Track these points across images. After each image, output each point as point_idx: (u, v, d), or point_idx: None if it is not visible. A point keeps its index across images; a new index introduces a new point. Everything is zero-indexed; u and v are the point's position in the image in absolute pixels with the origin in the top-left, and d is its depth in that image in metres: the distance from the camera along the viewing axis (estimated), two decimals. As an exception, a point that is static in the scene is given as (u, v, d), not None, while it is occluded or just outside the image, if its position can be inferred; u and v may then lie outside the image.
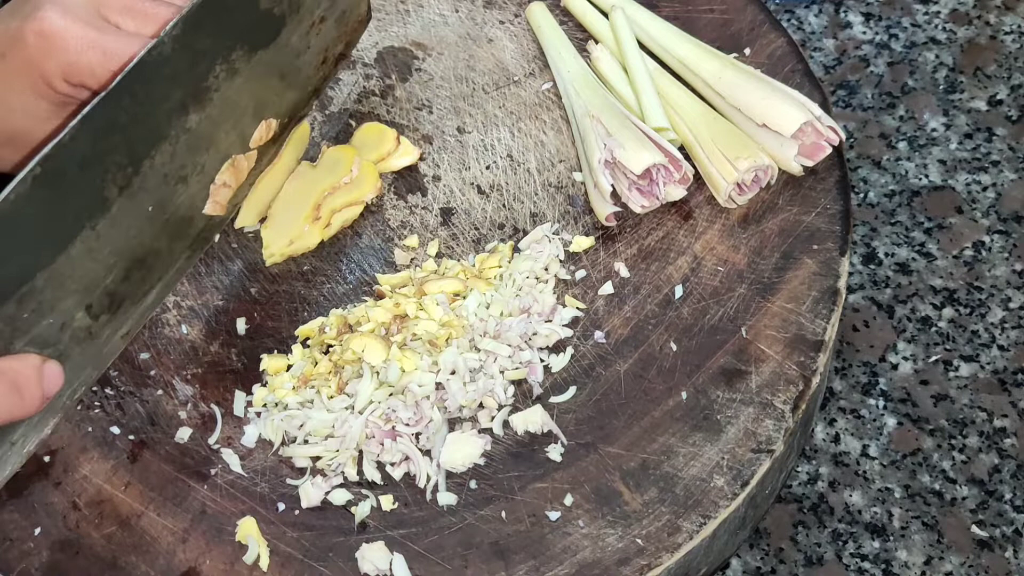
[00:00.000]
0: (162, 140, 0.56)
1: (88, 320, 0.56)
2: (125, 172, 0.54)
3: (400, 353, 0.62)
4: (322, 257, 0.70)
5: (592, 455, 0.61)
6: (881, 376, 0.76)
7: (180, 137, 0.57)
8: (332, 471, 0.61)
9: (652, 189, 0.68)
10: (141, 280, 0.59)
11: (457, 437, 0.61)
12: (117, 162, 0.54)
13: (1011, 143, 0.86)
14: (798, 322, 0.64)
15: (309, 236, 0.70)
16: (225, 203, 0.63)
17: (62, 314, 0.54)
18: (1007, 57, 0.91)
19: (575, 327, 0.66)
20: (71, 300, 0.54)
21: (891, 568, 0.68)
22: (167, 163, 0.57)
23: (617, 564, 0.57)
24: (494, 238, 0.70)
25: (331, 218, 0.70)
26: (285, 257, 0.70)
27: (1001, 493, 0.71)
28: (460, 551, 0.58)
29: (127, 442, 0.63)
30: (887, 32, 0.93)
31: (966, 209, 0.83)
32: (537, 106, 0.76)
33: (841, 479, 0.72)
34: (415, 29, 0.81)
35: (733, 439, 0.60)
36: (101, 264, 0.55)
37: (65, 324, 0.54)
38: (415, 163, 0.74)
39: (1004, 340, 0.77)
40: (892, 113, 0.88)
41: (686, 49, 0.74)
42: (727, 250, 0.68)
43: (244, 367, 0.66)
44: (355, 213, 0.71)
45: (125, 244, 0.56)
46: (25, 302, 0.51)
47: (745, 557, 0.69)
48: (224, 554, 0.59)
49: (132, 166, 0.55)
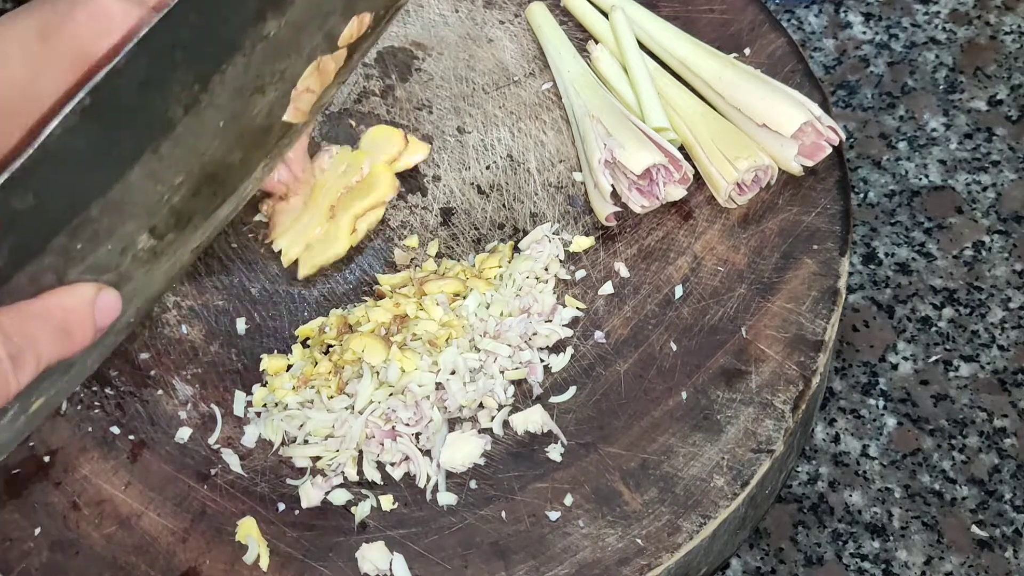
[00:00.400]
0: (234, 52, 0.49)
1: (152, 241, 0.50)
2: (191, 90, 0.48)
3: (400, 353, 0.62)
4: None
5: (592, 455, 0.61)
6: (881, 376, 0.76)
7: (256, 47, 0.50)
8: (332, 471, 0.61)
9: (652, 189, 0.68)
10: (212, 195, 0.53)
11: (457, 437, 0.61)
12: (182, 81, 0.47)
13: (1011, 143, 0.86)
14: (798, 322, 0.64)
15: (337, 243, 0.69)
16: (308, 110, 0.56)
17: (122, 239, 0.48)
18: (1007, 57, 0.91)
19: (575, 327, 0.66)
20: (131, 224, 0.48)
21: (891, 568, 0.68)
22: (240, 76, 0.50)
23: (617, 564, 0.57)
24: (494, 238, 0.70)
25: (356, 224, 0.70)
26: (316, 269, 0.69)
27: (1001, 493, 0.71)
28: (460, 551, 0.58)
29: (127, 442, 0.63)
30: (887, 32, 0.93)
31: (966, 209, 0.83)
32: (537, 106, 0.76)
33: (841, 479, 0.72)
34: (415, 29, 0.81)
35: (733, 439, 0.60)
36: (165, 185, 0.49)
37: (126, 248, 0.49)
38: (426, 159, 0.74)
39: (1004, 340, 0.77)
40: (892, 113, 0.88)
41: (686, 49, 0.74)
42: (727, 250, 0.68)
43: (244, 367, 0.66)
44: (379, 216, 0.71)
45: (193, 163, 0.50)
46: (78, 233, 0.46)
47: (745, 557, 0.69)
48: (224, 554, 0.59)
49: (199, 83, 0.48)
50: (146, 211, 0.49)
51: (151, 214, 0.50)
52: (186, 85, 0.48)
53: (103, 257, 0.48)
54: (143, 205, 0.49)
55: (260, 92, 0.52)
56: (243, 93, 0.51)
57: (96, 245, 0.47)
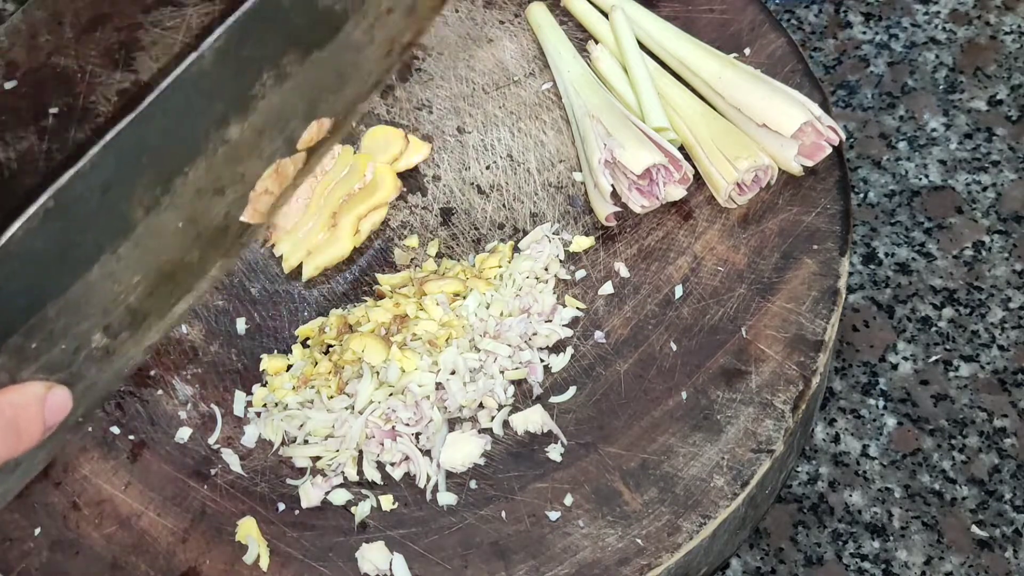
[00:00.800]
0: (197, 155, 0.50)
1: (106, 340, 0.51)
2: (153, 193, 0.49)
3: (400, 353, 0.62)
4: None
5: (592, 455, 0.61)
6: (881, 376, 0.76)
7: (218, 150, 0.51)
8: (332, 471, 0.61)
9: (652, 189, 0.68)
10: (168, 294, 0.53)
11: (457, 437, 0.61)
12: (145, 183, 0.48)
13: (1011, 143, 0.86)
14: (798, 322, 0.64)
15: (341, 245, 0.69)
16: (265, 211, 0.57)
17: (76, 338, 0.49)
18: (1007, 57, 0.91)
19: (575, 327, 0.66)
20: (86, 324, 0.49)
21: (891, 568, 0.68)
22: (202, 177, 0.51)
23: (617, 564, 0.57)
24: (494, 238, 0.70)
25: (359, 225, 0.70)
26: (320, 271, 0.69)
27: (1001, 493, 0.71)
28: (460, 551, 0.58)
29: (127, 442, 0.63)
30: (887, 32, 0.93)
31: (966, 209, 0.83)
32: (537, 106, 0.76)
33: (841, 479, 0.72)
34: (415, 29, 0.81)
35: (733, 439, 0.60)
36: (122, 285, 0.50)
37: (80, 347, 0.49)
38: (426, 159, 0.74)
39: (1004, 340, 0.77)
40: (892, 113, 0.88)
41: (686, 49, 0.74)
42: (727, 250, 0.68)
43: (244, 367, 0.66)
44: (381, 216, 0.71)
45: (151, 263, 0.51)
46: (34, 333, 0.46)
47: (745, 557, 0.69)
48: (224, 554, 0.59)
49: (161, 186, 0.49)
50: (102, 310, 0.50)
51: (107, 313, 0.50)
52: (149, 188, 0.49)
53: (57, 356, 0.48)
54: (99, 305, 0.49)
55: (220, 194, 0.53)
56: (203, 195, 0.52)
57: (51, 345, 0.47)
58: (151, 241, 0.50)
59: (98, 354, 0.51)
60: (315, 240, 0.69)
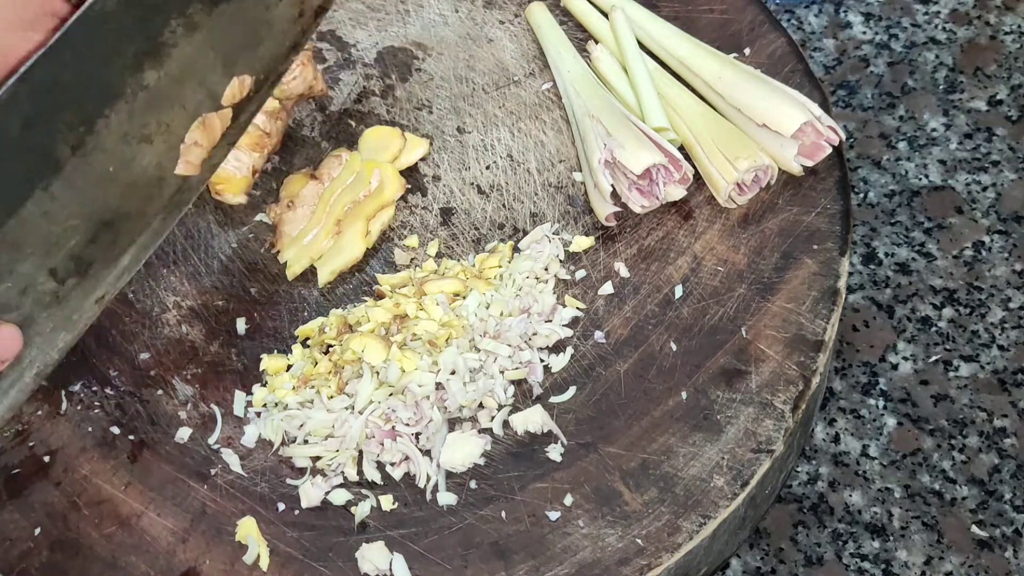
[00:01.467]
0: (116, 98, 0.54)
1: (53, 284, 0.54)
2: (77, 132, 0.53)
3: (400, 353, 0.62)
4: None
5: (592, 455, 0.61)
6: (881, 376, 0.76)
7: (137, 95, 0.55)
8: (332, 471, 0.61)
9: (652, 189, 0.68)
10: (111, 243, 0.57)
11: (457, 437, 0.61)
12: (66, 121, 0.52)
13: (1011, 143, 0.86)
14: (798, 322, 0.64)
15: (353, 247, 0.69)
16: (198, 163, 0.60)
17: (21, 278, 0.52)
18: (1007, 57, 0.91)
19: (575, 327, 0.66)
20: (29, 263, 0.53)
21: (891, 568, 0.68)
22: (125, 122, 0.55)
23: (617, 564, 0.57)
24: (494, 238, 0.70)
25: (368, 226, 0.70)
26: (335, 275, 0.69)
27: (1001, 493, 0.71)
28: (460, 551, 0.58)
29: (127, 442, 0.63)
30: (887, 32, 0.93)
31: (966, 209, 0.83)
32: (537, 106, 0.76)
33: (841, 479, 0.72)
34: (415, 29, 0.81)
35: (733, 439, 0.60)
36: (60, 227, 0.54)
37: (27, 288, 0.53)
38: (424, 156, 0.74)
39: (1004, 340, 0.77)
40: (892, 113, 0.88)
41: (686, 49, 0.74)
42: (727, 250, 0.68)
43: (244, 367, 0.66)
44: (390, 215, 0.71)
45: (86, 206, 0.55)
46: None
47: (745, 557, 0.69)
48: (224, 554, 0.59)
49: (84, 125, 0.53)
50: (43, 251, 0.53)
51: (49, 255, 0.53)
52: (71, 126, 0.52)
53: (3, 295, 0.52)
54: (39, 245, 0.53)
55: (147, 141, 0.57)
56: (129, 140, 0.55)
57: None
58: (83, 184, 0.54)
59: (47, 299, 0.54)
60: (319, 247, 0.69)
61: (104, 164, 0.55)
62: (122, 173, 0.56)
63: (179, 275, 0.70)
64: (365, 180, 0.71)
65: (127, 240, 0.58)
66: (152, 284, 0.70)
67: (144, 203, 0.58)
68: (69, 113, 0.52)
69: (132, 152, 0.56)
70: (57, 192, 0.53)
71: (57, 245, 0.54)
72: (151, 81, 0.56)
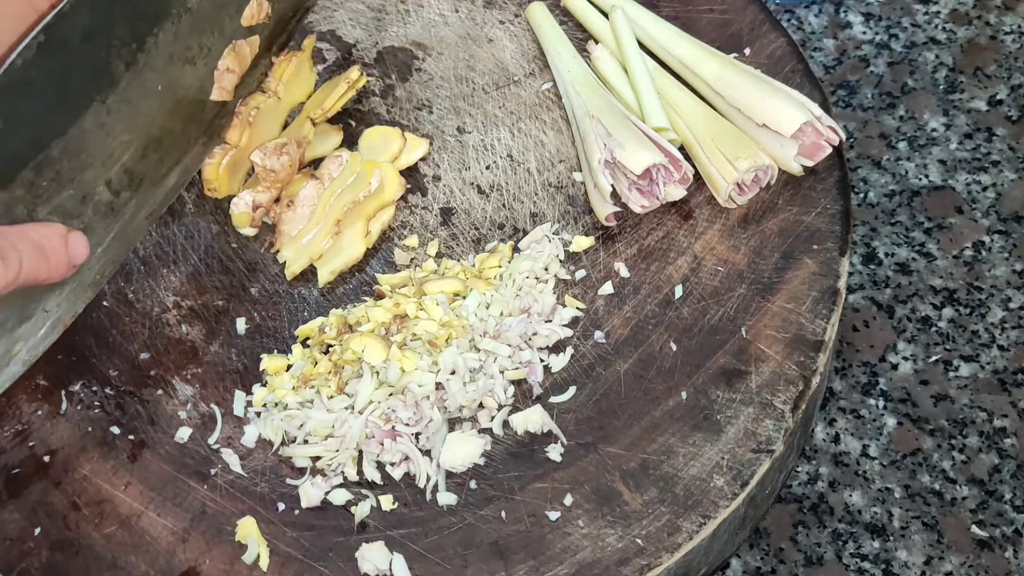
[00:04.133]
0: (164, 19, 0.58)
1: (109, 195, 0.58)
2: (130, 48, 0.57)
3: (400, 353, 0.62)
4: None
5: (592, 455, 0.61)
6: (881, 376, 0.76)
7: (182, 16, 0.59)
8: (332, 471, 0.61)
9: (652, 189, 0.68)
10: (159, 160, 0.61)
11: (457, 437, 0.61)
12: (120, 37, 0.56)
13: (1011, 143, 0.86)
14: (798, 322, 0.64)
15: (354, 248, 0.69)
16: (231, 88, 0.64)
17: (82, 186, 0.57)
18: (1007, 57, 0.91)
19: (575, 327, 0.66)
20: (89, 173, 0.57)
21: (891, 568, 0.68)
22: (171, 42, 0.59)
23: (617, 564, 0.57)
24: (494, 238, 0.70)
25: (369, 226, 0.70)
26: (336, 275, 0.69)
27: (1001, 493, 0.71)
28: (460, 551, 0.58)
29: (127, 442, 0.63)
30: (887, 32, 0.93)
31: (966, 209, 0.83)
32: (537, 106, 0.76)
33: (841, 479, 0.72)
34: (415, 29, 0.81)
35: (733, 439, 0.60)
36: (115, 139, 0.58)
37: (86, 196, 0.57)
38: (424, 156, 0.74)
39: (1004, 340, 0.77)
40: (892, 113, 0.88)
41: (686, 49, 0.74)
42: (727, 250, 0.68)
43: (244, 367, 0.66)
44: (390, 214, 0.71)
45: (138, 121, 0.59)
46: (43, 170, 0.54)
47: (745, 557, 0.69)
48: (224, 554, 0.59)
49: (136, 42, 0.57)
50: (101, 161, 0.57)
51: (105, 165, 0.58)
52: (125, 42, 0.57)
53: (67, 202, 0.56)
54: (97, 156, 0.57)
55: (191, 63, 0.61)
56: (175, 60, 0.60)
57: (59, 187, 0.55)
58: (135, 98, 0.59)
59: (104, 208, 0.59)
60: (318, 247, 0.69)
61: (154, 82, 0.59)
62: (169, 92, 0.61)
63: (179, 275, 0.70)
64: (365, 180, 0.71)
65: (173, 159, 0.63)
66: (152, 284, 0.70)
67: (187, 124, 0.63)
68: (123, 30, 0.56)
69: (178, 72, 0.61)
70: (113, 106, 0.57)
71: (112, 157, 0.58)
72: (194, 4, 0.60)
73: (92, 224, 0.58)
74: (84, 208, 0.57)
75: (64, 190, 0.56)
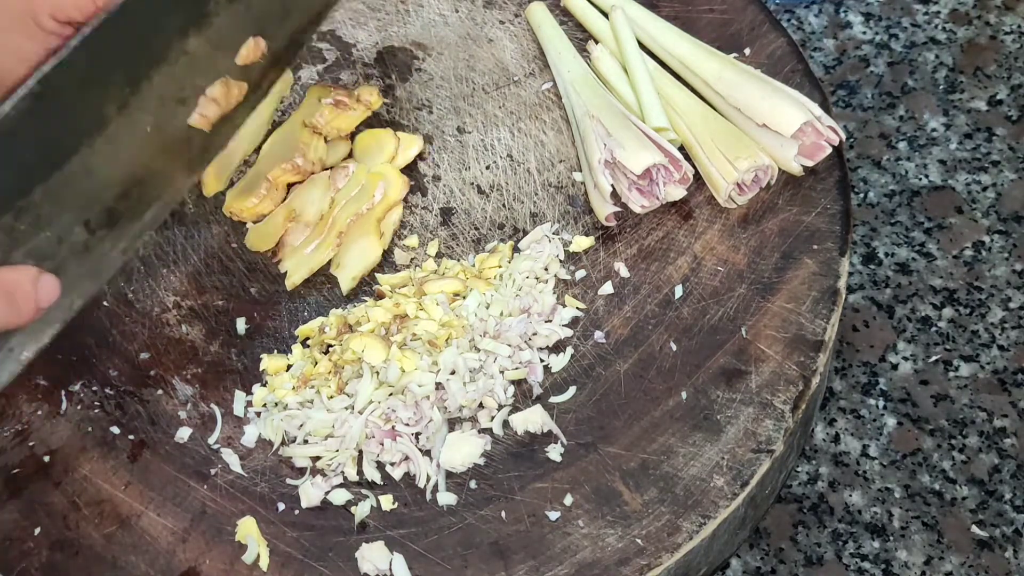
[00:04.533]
0: (161, 62, 0.58)
1: (86, 235, 0.57)
2: (123, 92, 0.56)
3: (400, 353, 0.62)
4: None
5: (592, 455, 0.61)
6: (881, 376, 0.76)
7: (179, 59, 0.59)
8: (332, 471, 0.61)
9: (652, 189, 0.68)
10: (139, 198, 0.60)
11: (457, 437, 0.61)
12: (116, 82, 0.56)
13: (1011, 143, 0.86)
14: (798, 322, 0.64)
15: (372, 252, 0.69)
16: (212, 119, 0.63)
17: (60, 228, 0.55)
18: (1007, 57, 0.91)
19: (575, 327, 0.66)
20: (69, 215, 0.56)
21: (891, 568, 0.68)
22: (165, 84, 0.59)
23: (617, 564, 0.57)
24: (494, 238, 0.70)
25: (380, 228, 0.70)
26: (358, 281, 0.69)
27: (1001, 493, 0.71)
28: (460, 551, 0.58)
29: (127, 442, 0.63)
30: (887, 32, 0.93)
31: (966, 209, 0.83)
32: (537, 106, 0.76)
33: (841, 479, 0.72)
34: (415, 29, 0.81)
35: (733, 439, 0.60)
36: (99, 182, 0.57)
37: (63, 238, 0.56)
38: (420, 153, 0.74)
39: (1004, 340, 0.77)
40: (892, 113, 0.88)
41: (686, 49, 0.74)
42: (727, 250, 0.67)
43: (244, 367, 0.66)
44: (398, 214, 0.71)
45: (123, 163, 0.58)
46: (23, 215, 0.53)
47: (745, 557, 0.69)
48: (224, 554, 0.59)
49: (130, 87, 0.57)
50: (82, 204, 0.56)
51: (86, 208, 0.57)
52: (120, 88, 0.56)
53: (43, 244, 0.55)
54: (79, 198, 0.56)
55: (182, 103, 0.60)
56: (167, 103, 0.59)
57: (37, 229, 0.54)
58: (123, 140, 0.58)
59: (79, 248, 0.57)
60: (320, 258, 0.69)
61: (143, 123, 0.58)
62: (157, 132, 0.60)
63: (179, 275, 0.70)
64: (369, 192, 0.71)
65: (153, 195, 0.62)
66: (152, 284, 0.70)
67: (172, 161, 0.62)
68: (118, 75, 0.56)
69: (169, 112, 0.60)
70: (100, 148, 0.56)
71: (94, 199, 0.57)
72: (192, 47, 0.59)
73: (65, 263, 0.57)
74: (60, 249, 0.56)
75: (42, 232, 0.55)
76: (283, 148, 0.73)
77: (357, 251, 0.69)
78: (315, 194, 0.71)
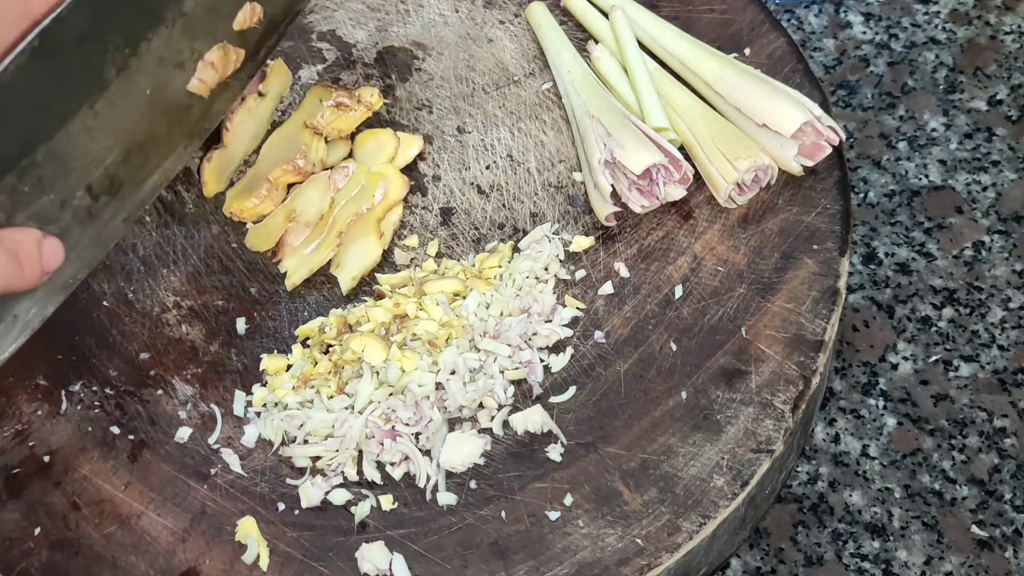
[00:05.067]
0: (158, 23, 0.58)
1: (89, 200, 0.57)
2: (122, 53, 0.56)
3: (400, 353, 0.62)
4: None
5: (592, 455, 0.61)
6: (881, 376, 0.76)
7: (176, 21, 0.59)
8: (332, 471, 0.61)
9: (652, 189, 0.68)
10: (140, 164, 0.61)
11: (457, 437, 0.61)
12: (114, 42, 0.56)
13: (1011, 143, 0.86)
14: (798, 322, 0.64)
15: (373, 252, 0.69)
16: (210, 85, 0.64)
17: (63, 191, 0.56)
18: (1007, 57, 0.91)
19: (575, 327, 0.66)
20: (71, 178, 0.56)
21: (891, 568, 0.68)
22: (163, 47, 0.59)
23: (617, 564, 0.57)
24: (494, 238, 0.70)
25: (380, 228, 0.70)
26: (357, 281, 0.69)
27: (1001, 493, 0.71)
28: (460, 551, 0.58)
29: (127, 442, 0.63)
30: (887, 32, 0.93)
31: (966, 209, 0.83)
32: (537, 106, 0.76)
33: (841, 479, 0.72)
34: (415, 29, 0.81)
35: (733, 439, 0.60)
36: (100, 144, 0.57)
37: (66, 202, 0.56)
38: (420, 153, 0.74)
39: (1004, 340, 0.77)
40: (892, 113, 0.88)
41: (686, 49, 0.74)
42: (727, 250, 0.68)
43: (244, 367, 0.66)
44: (399, 214, 0.71)
45: (124, 126, 0.58)
46: (26, 175, 0.53)
47: (745, 557, 0.69)
48: (224, 554, 0.59)
49: (129, 47, 0.57)
50: (84, 167, 0.57)
51: (88, 170, 0.57)
52: (118, 47, 0.56)
53: (46, 207, 0.55)
54: (81, 161, 0.56)
55: (180, 67, 0.61)
56: (165, 64, 0.60)
57: (41, 192, 0.54)
58: (123, 103, 0.58)
59: (82, 213, 0.58)
60: (320, 259, 0.69)
61: (143, 86, 0.59)
62: (156, 96, 0.60)
63: (179, 275, 0.70)
64: (369, 192, 0.71)
65: (154, 163, 0.62)
66: (152, 284, 0.70)
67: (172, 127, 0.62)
68: (118, 34, 0.56)
69: (167, 76, 0.60)
70: (101, 110, 0.56)
71: (95, 162, 0.57)
72: (189, 8, 0.60)
73: (68, 229, 0.57)
74: (63, 213, 0.56)
75: (45, 195, 0.55)
76: (283, 149, 0.73)
77: (357, 251, 0.69)
78: (315, 194, 0.71)
